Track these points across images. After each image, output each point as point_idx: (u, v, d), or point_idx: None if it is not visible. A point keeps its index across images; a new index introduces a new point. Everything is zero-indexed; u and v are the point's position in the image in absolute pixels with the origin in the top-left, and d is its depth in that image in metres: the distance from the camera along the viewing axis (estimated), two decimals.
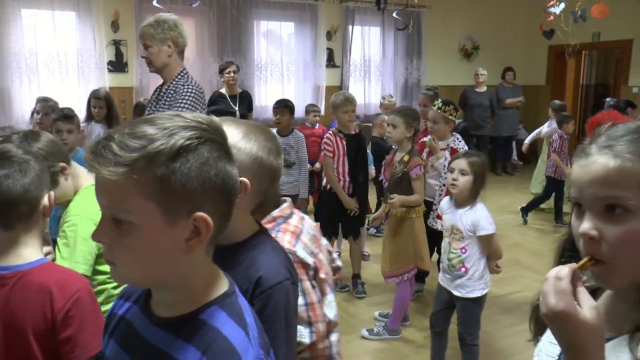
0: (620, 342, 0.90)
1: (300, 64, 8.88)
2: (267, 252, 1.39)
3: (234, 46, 8.27)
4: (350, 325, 4.13)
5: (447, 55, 10.19)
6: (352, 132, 4.56)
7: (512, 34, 10.59)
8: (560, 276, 0.86)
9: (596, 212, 0.89)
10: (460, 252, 3.10)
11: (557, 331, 0.87)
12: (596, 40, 9.62)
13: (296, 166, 4.93)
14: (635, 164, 0.85)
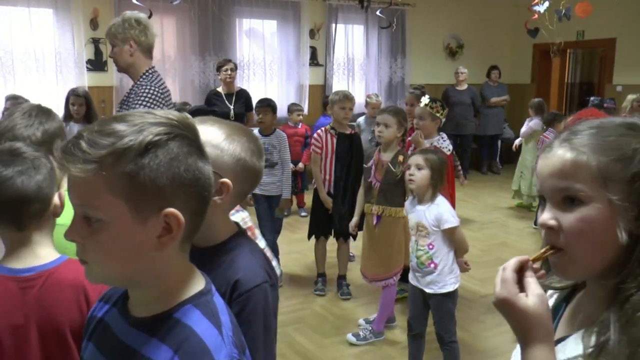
0: (579, 335, 0.94)
1: (283, 62, 8.79)
2: (245, 254, 1.38)
3: (216, 44, 8.17)
4: (335, 327, 4.09)
5: (431, 54, 10.15)
6: (347, 131, 4.52)
7: (497, 32, 10.57)
8: (506, 267, 0.93)
9: (555, 203, 0.93)
10: (427, 248, 3.11)
11: (505, 318, 0.93)
12: (580, 38, 9.63)
13: (278, 166, 4.86)
14: (589, 157, 0.89)
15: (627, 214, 0.88)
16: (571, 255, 0.92)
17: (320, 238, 4.68)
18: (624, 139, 0.90)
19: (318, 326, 4.09)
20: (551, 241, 0.93)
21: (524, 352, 0.91)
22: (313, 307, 4.41)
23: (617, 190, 0.88)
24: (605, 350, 0.86)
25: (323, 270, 4.77)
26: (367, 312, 4.28)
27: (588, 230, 0.89)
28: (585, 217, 0.89)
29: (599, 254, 0.91)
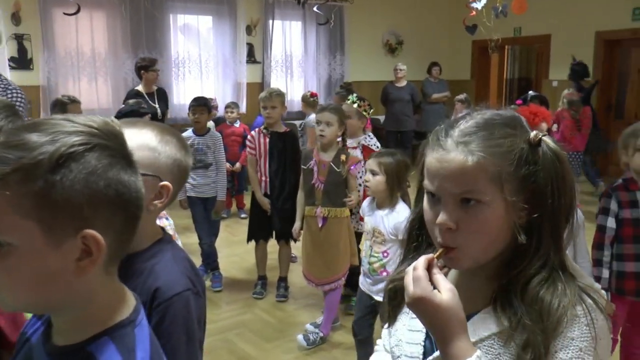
0: (485, 313, 0.98)
1: (219, 59, 8.59)
2: (166, 261, 1.33)
3: (149, 41, 7.90)
4: (277, 330, 4.01)
5: (370, 51, 10.14)
6: (281, 130, 4.41)
7: (435, 29, 10.67)
8: (416, 266, 0.94)
9: (452, 204, 0.95)
10: (381, 255, 3.00)
11: (420, 316, 0.95)
12: (517, 35, 9.84)
13: (213, 167, 4.71)
14: (486, 161, 0.92)
15: (518, 210, 0.94)
16: (466, 252, 0.96)
17: (259, 241, 4.56)
18: (511, 139, 0.94)
19: (260, 330, 3.99)
20: (448, 241, 0.96)
21: (445, 346, 0.91)
22: (254, 311, 4.30)
23: (510, 189, 0.93)
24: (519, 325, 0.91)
25: (263, 273, 4.66)
26: (309, 314, 4.21)
27: (485, 229, 0.95)
28: (483, 218, 0.94)
29: (493, 247, 0.97)
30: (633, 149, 2.76)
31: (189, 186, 4.65)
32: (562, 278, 0.94)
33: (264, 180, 4.41)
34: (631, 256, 2.78)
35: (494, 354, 0.95)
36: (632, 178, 2.81)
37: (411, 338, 1.09)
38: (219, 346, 3.71)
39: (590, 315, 0.91)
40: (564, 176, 0.96)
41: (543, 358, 0.88)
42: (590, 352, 0.89)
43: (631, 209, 2.76)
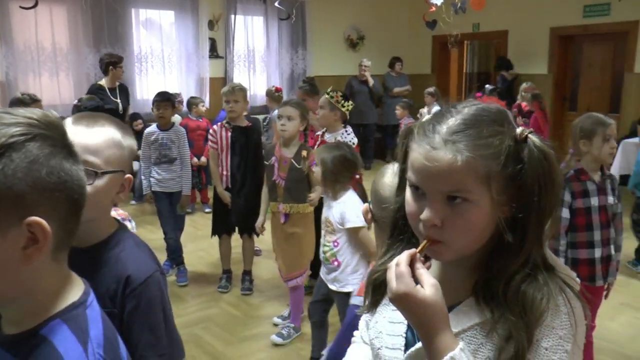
0: (468, 304, 0.99)
1: (182, 54, 8.59)
2: (131, 248, 1.39)
3: (111, 36, 7.85)
4: (243, 324, 4.06)
5: (332, 46, 10.25)
6: (243, 124, 4.43)
7: (396, 24, 10.80)
8: (399, 262, 0.94)
9: (438, 201, 0.94)
10: (332, 245, 3.08)
11: (403, 312, 0.95)
12: (476, 30, 10.05)
13: (178, 162, 4.74)
14: (476, 161, 0.91)
15: (503, 207, 0.94)
16: (451, 246, 0.96)
17: (223, 235, 4.61)
18: (500, 138, 0.93)
19: (226, 324, 4.04)
20: (433, 236, 0.96)
21: (429, 341, 0.92)
22: (220, 305, 4.36)
23: (498, 188, 0.93)
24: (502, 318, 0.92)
25: (228, 267, 4.71)
26: (275, 306, 4.28)
27: (471, 226, 0.94)
28: (469, 216, 0.93)
29: (477, 242, 0.97)
30: (602, 139, 2.88)
31: (154, 181, 4.69)
32: (543, 271, 0.95)
33: (225, 174, 4.43)
34: (584, 244, 2.94)
35: (477, 344, 0.96)
36: (582, 169, 2.96)
37: (392, 330, 1.09)
38: (185, 340, 3.69)
39: (569, 304, 0.94)
40: (551, 174, 0.95)
41: (526, 351, 0.89)
42: (569, 339, 0.92)
43: (583, 198, 2.92)
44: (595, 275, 2.96)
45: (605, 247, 2.96)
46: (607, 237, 2.97)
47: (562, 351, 0.90)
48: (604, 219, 2.95)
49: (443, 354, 0.90)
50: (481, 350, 0.95)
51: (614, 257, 3.03)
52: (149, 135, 4.72)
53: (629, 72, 8.37)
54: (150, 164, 4.71)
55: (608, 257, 2.99)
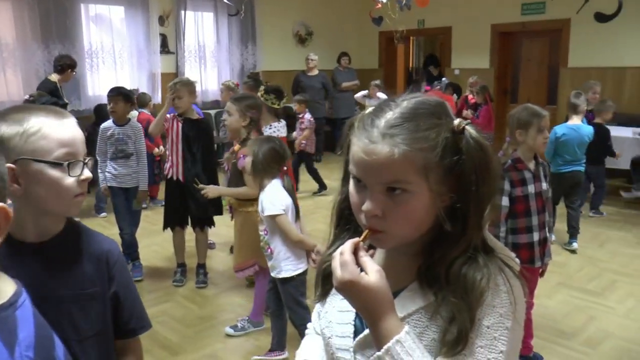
0: (412, 289, 1.01)
1: (133, 50, 8.56)
2: (90, 230, 1.48)
3: (60, 31, 7.74)
4: (199, 317, 4.09)
5: (282, 41, 10.37)
6: (194, 117, 4.47)
7: (344, 20, 11.02)
8: (343, 251, 0.96)
9: (378, 192, 0.96)
10: (264, 233, 3.18)
11: (349, 299, 0.97)
12: (421, 27, 10.33)
13: (134, 157, 4.75)
14: (414, 154, 0.93)
15: (443, 197, 0.97)
16: (392, 235, 0.99)
17: (175, 228, 4.61)
18: (437, 130, 0.95)
19: (181, 317, 4.08)
20: (374, 226, 0.98)
21: (375, 325, 0.94)
22: (176, 299, 4.38)
23: (436, 179, 0.95)
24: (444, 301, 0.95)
25: (182, 260, 4.73)
26: (229, 299, 4.37)
27: (410, 217, 0.97)
28: (409, 206, 0.95)
29: (418, 230, 1.00)
30: (536, 130, 3.10)
31: (110, 176, 4.70)
32: (482, 253, 0.98)
33: (175, 164, 4.43)
34: (523, 229, 3.16)
35: (422, 327, 0.98)
36: (519, 158, 3.17)
37: (341, 318, 1.10)
38: (142, 336, 3.73)
39: (509, 282, 0.96)
40: (488, 164, 0.97)
41: (469, 331, 0.92)
42: (509, 316, 0.94)
43: (521, 186, 3.13)
44: (534, 258, 3.18)
45: (542, 231, 3.20)
46: (543, 221, 3.20)
47: (502, 328, 0.93)
48: (540, 205, 3.18)
49: (389, 337, 0.92)
50: (426, 333, 0.97)
51: (549, 239, 3.28)
52: (105, 130, 4.71)
53: (564, 67, 8.84)
54: (107, 159, 4.72)
55: (544, 239, 3.23)
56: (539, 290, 4.23)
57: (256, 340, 3.75)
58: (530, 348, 3.39)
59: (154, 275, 4.86)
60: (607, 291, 4.47)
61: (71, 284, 1.37)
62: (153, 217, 6.32)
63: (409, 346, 0.91)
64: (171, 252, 4.85)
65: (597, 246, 5.51)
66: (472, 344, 0.92)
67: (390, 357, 0.91)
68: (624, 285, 4.54)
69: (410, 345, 0.91)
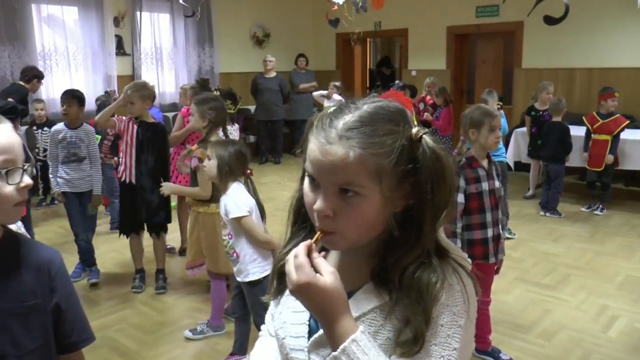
0: (367, 289, 1.01)
1: (88, 52, 8.41)
2: (28, 239, 1.46)
3: (10, 33, 7.56)
4: (158, 323, 4.04)
5: (239, 43, 10.35)
6: (150, 120, 4.42)
7: (301, 22, 11.06)
8: (297, 254, 0.96)
9: (331, 192, 0.96)
10: (228, 238, 3.16)
11: (305, 302, 0.97)
12: (378, 29, 10.43)
13: (87, 161, 4.66)
14: (368, 158, 0.93)
15: (397, 201, 0.98)
16: (343, 236, 0.99)
17: (131, 233, 4.55)
18: (393, 137, 0.95)
19: (140, 324, 4.01)
20: (325, 227, 0.98)
21: (330, 327, 0.94)
22: (134, 305, 4.31)
23: (389, 185, 0.95)
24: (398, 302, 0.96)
25: (141, 266, 4.65)
26: (189, 303, 4.33)
27: (362, 219, 0.97)
28: (360, 209, 0.95)
29: (370, 234, 1.00)
30: (488, 129, 3.17)
31: (62, 181, 4.60)
32: (436, 255, 0.99)
33: (128, 167, 4.37)
34: (478, 225, 3.22)
35: (377, 326, 0.98)
36: (473, 156, 3.23)
37: (296, 319, 1.10)
38: (100, 344, 3.64)
39: (462, 282, 0.97)
40: (443, 174, 0.97)
41: (424, 334, 0.93)
42: (463, 314, 0.96)
43: (475, 184, 3.19)
44: (488, 254, 3.25)
45: (495, 227, 3.26)
46: (496, 217, 3.26)
47: (456, 326, 0.95)
48: (493, 202, 3.24)
49: (345, 337, 0.92)
50: (381, 332, 0.98)
51: (502, 235, 3.35)
52: (57, 133, 4.62)
53: (518, 68, 9.05)
54: (58, 163, 4.63)
55: (498, 236, 3.29)
56: (497, 286, 4.34)
57: (216, 344, 3.73)
58: (488, 343, 3.47)
59: (112, 282, 4.76)
60: (561, 285, 4.59)
61: (10, 296, 1.32)
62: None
63: (365, 345, 0.92)
64: (129, 257, 4.76)
65: (551, 241, 5.66)
66: (426, 342, 0.93)
67: (347, 356, 0.92)
68: (576, 279, 4.68)
69: (366, 344, 0.92)
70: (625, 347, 3.58)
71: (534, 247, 5.47)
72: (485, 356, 3.46)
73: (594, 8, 8.00)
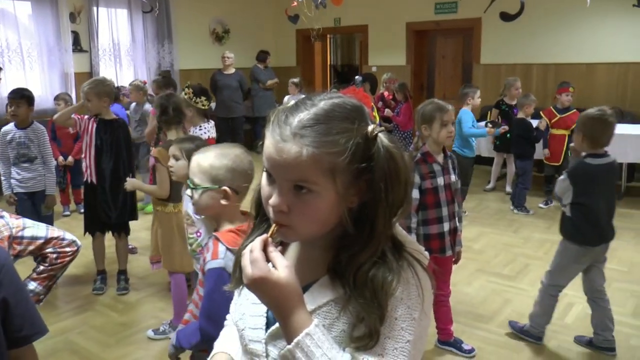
0: (323, 282, 1.03)
1: (43, 49, 8.20)
2: None
3: None
4: (120, 324, 3.98)
5: (198, 39, 10.25)
6: (108, 117, 4.33)
7: (260, 18, 11.02)
8: (252, 248, 0.97)
9: (285, 188, 0.98)
10: (195, 236, 3.11)
11: (260, 295, 0.98)
12: (337, 25, 10.48)
13: (39, 160, 4.57)
14: (322, 156, 0.94)
15: (351, 198, 0.99)
16: (297, 230, 1.00)
17: (95, 233, 4.48)
18: (348, 135, 0.96)
19: (102, 326, 3.95)
20: (280, 220, 1.00)
21: (285, 320, 0.96)
22: (95, 308, 4.24)
23: (343, 182, 0.96)
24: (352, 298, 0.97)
25: (102, 267, 4.58)
26: (152, 304, 4.28)
27: (315, 215, 0.98)
28: (314, 206, 0.97)
29: (323, 228, 1.01)
30: (440, 124, 3.18)
31: (15, 182, 4.52)
32: (391, 251, 1.00)
33: (90, 167, 4.30)
34: (434, 220, 3.25)
35: (332, 319, 1.00)
36: (428, 152, 3.26)
37: (254, 311, 1.12)
38: (60, 348, 3.63)
39: (417, 276, 0.99)
40: (397, 173, 0.98)
41: (379, 331, 0.95)
42: (417, 307, 0.98)
43: (431, 179, 3.22)
44: (445, 247, 3.29)
45: (451, 221, 3.31)
46: (452, 211, 3.31)
47: (410, 319, 0.97)
48: (449, 196, 3.28)
49: (299, 330, 0.94)
50: (336, 324, 0.99)
51: (459, 228, 3.40)
52: (5, 134, 4.54)
53: (477, 63, 9.21)
54: (10, 164, 4.53)
55: (454, 229, 3.34)
56: (458, 278, 4.43)
57: None
58: (450, 334, 3.53)
59: (72, 284, 4.66)
60: (521, 275, 4.70)
61: None
62: (71, 224, 6.11)
63: (319, 338, 0.94)
64: (90, 259, 4.68)
65: (511, 232, 5.79)
66: (380, 335, 0.95)
67: (300, 349, 0.93)
68: (535, 269, 4.78)
69: (319, 338, 0.94)
70: (579, 332, 3.68)
71: (494, 238, 5.58)
72: (447, 347, 3.52)
73: (549, 6, 8.19)
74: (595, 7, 6.72)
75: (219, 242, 1.94)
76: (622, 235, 5.57)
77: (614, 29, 7.85)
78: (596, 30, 7.97)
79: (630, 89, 7.87)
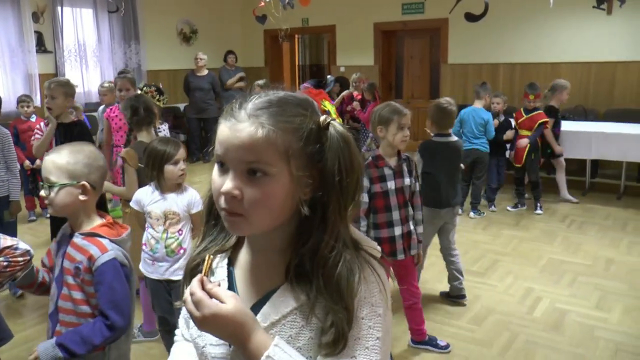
0: (283, 290, 1.01)
1: (5, 49, 8.03)
2: None
3: None
4: None
5: (166, 39, 10.17)
6: (67, 120, 4.26)
7: (228, 18, 10.98)
8: (193, 291, 0.96)
9: (239, 173, 0.96)
10: (177, 234, 3.11)
11: (215, 332, 0.97)
12: (305, 25, 10.51)
13: (2, 165, 4.42)
14: (277, 136, 0.95)
15: (304, 185, 0.98)
16: (250, 219, 0.97)
17: None
18: (301, 118, 0.97)
19: None
20: (233, 208, 0.97)
21: (245, 348, 0.95)
22: None
23: (298, 165, 0.96)
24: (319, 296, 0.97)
25: None
26: None
27: (269, 201, 0.96)
28: (268, 189, 0.95)
29: (277, 217, 0.99)
30: (396, 127, 3.17)
31: None
32: (349, 250, 1.00)
33: None
34: (384, 224, 3.25)
35: (298, 327, 0.99)
36: (379, 155, 3.25)
37: None
38: (24, 357, 3.45)
39: (376, 272, 1.00)
40: (351, 157, 0.99)
41: (347, 333, 0.95)
42: (380, 303, 0.99)
43: (380, 183, 3.21)
44: (396, 251, 3.28)
45: (404, 225, 3.30)
46: (405, 215, 3.29)
47: (375, 316, 0.98)
48: (402, 200, 3.27)
49: (259, 354, 0.94)
50: (303, 333, 0.99)
51: (414, 232, 3.37)
52: None
53: (444, 63, 9.32)
54: None
55: (408, 233, 3.33)
56: (429, 275, 4.49)
57: (150, 349, 3.66)
58: (424, 333, 3.55)
59: None
60: (490, 271, 4.78)
61: None
62: (37, 229, 5.99)
63: (280, 357, 0.94)
64: None
65: (480, 229, 5.88)
66: (349, 338, 0.96)
67: None
68: (504, 265, 4.88)
69: (281, 357, 0.94)
70: (547, 326, 3.77)
71: (464, 236, 5.64)
72: (423, 345, 3.54)
73: (514, 7, 8.34)
74: (559, 7, 6.87)
75: (99, 238, 2.00)
76: (586, 230, 5.75)
77: (576, 29, 8.03)
78: (560, 31, 8.14)
79: (592, 88, 8.05)
